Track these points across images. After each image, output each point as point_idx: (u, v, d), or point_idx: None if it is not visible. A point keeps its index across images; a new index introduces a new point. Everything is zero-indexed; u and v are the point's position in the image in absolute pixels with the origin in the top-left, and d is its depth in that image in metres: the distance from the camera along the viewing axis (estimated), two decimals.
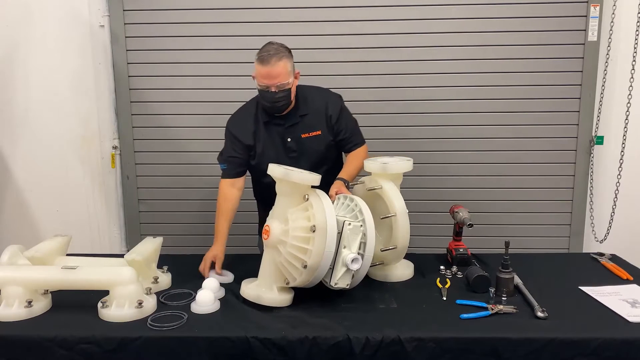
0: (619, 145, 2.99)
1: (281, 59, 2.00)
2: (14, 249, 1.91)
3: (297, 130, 2.16)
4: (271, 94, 2.03)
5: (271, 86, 2.01)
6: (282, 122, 2.15)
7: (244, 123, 2.19)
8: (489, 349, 1.55)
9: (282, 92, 2.03)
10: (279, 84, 2.01)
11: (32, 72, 3.06)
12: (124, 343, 1.57)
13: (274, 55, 2.00)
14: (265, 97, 2.05)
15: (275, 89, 2.01)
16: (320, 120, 2.17)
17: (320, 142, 2.18)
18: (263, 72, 2.00)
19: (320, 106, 2.18)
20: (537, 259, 2.23)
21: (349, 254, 1.69)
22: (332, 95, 2.24)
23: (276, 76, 1.99)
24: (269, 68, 1.98)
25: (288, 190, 1.78)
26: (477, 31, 2.93)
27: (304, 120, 2.16)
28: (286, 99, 2.07)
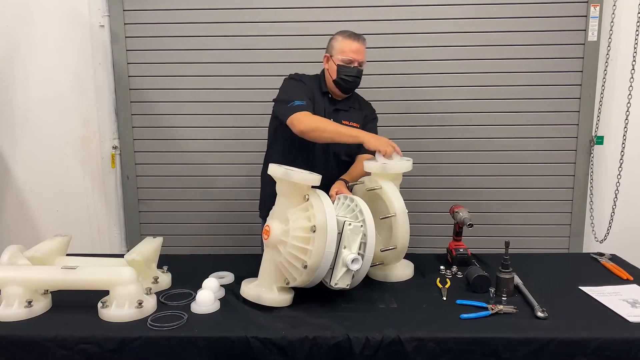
0: (619, 145, 2.99)
1: (365, 42, 2.25)
2: (14, 249, 1.91)
3: (341, 115, 2.29)
4: (354, 69, 2.20)
5: (356, 61, 2.20)
6: (334, 102, 2.30)
7: (309, 81, 2.29)
8: (489, 349, 1.55)
9: (360, 71, 2.23)
10: (362, 61, 2.22)
11: (32, 72, 3.06)
12: (124, 343, 1.56)
13: (362, 37, 2.24)
14: (347, 72, 2.20)
15: (359, 65, 2.21)
16: (361, 117, 2.34)
17: None
18: (354, 47, 2.20)
19: (364, 106, 2.40)
20: (537, 259, 2.23)
21: (349, 254, 1.69)
22: (372, 107, 2.46)
23: (363, 53, 2.22)
24: (359, 44, 2.21)
25: (288, 190, 1.78)
26: (477, 31, 2.94)
27: (350, 111, 2.32)
28: (360, 78, 2.25)
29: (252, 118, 3.00)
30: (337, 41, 2.23)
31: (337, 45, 2.22)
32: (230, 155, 3.11)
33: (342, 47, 2.21)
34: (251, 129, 3.02)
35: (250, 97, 3.02)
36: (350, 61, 2.19)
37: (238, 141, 3.09)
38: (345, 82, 2.22)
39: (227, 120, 3.07)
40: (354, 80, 2.22)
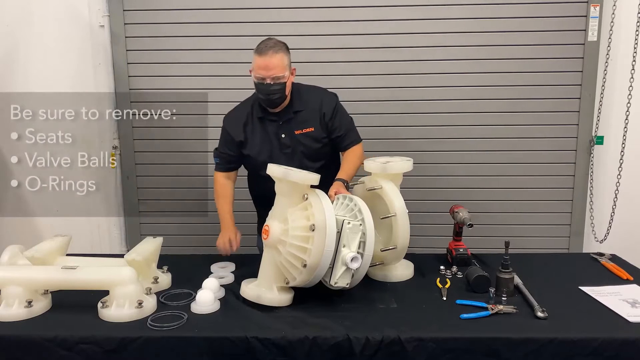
0: (619, 145, 2.99)
1: (278, 52, 2.05)
2: (14, 249, 1.91)
3: (291, 126, 2.18)
4: (266, 86, 2.06)
5: (267, 78, 2.04)
6: (276, 118, 2.19)
7: (238, 119, 2.24)
8: (489, 349, 1.55)
9: (278, 85, 2.06)
10: (274, 76, 2.04)
11: (32, 72, 3.06)
12: (124, 343, 1.56)
13: (272, 48, 2.05)
14: (261, 90, 2.08)
15: (271, 81, 2.05)
16: (314, 117, 2.19)
17: (314, 139, 2.20)
18: (260, 63, 2.04)
19: (314, 104, 2.20)
20: (537, 259, 2.23)
21: (348, 252, 1.69)
22: (327, 94, 2.26)
23: (272, 68, 2.03)
24: (266, 59, 2.03)
25: (287, 190, 1.78)
26: (477, 31, 2.93)
27: (297, 116, 2.19)
28: (281, 92, 2.09)
29: None
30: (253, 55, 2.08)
31: (253, 59, 2.08)
32: None
33: (253, 63, 2.07)
34: None
35: None
36: (261, 78, 2.04)
37: None
38: (262, 101, 2.12)
39: None
40: (268, 98, 2.07)
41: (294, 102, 2.19)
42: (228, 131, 2.24)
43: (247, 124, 2.21)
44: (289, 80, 2.11)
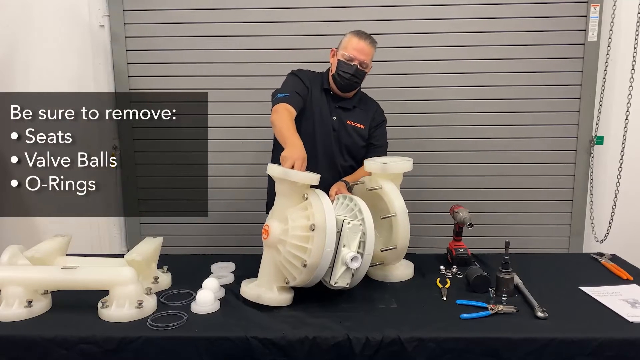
0: (619, 145, 2.99)
1: (373, 44, 2.21)
2: (14, 249, 1.91)
3: (345, 115, 2.27)
4: (353, 67, 2.17)
5: (357, 60, 2.16)
6: (337, 100, 2.27)
7: (309, 76, 2.29)
8: (489, 349, 1.55)
9: (361, 71, 2.19)
10: (364, 62, 2.17)
11: (32, 72, 3.06)
12: (124, 343, 1.56)
13: (371, 38, 2.21)
14: (346, 69, 2.17)
15: (358, 65, 2.16)
16: (367, 118, 2.31)
17: (360, 136, 2.29)
18: (359, 45, 2.17)
19: (371, 107, 2.35)
20: (537, 259, 2.23)
21: (348, 252, 1.70)
22: (381, 109, 2.41)
23: (367, 54, 2.18)
24: (365, 45, 2.17)
25: (287, 190, 1.79)
26: (477, 31, 2.93)
27: (354, 110, 2.29)
28: (360, 78, 2.22)
29: (252, 118, 3.00)
30: (346, 37, 2.22)
31: (344, 41, 2.21)
32: (231, 155, 3.11)
33: (347, 44, 2.19)
34: (252, 129, 3.02)
35: (251, 97, 3.02)
36: (351, 58, 2.16)
37: (238, 141, 3.09)
38: (341, 79, 2.20)
39: (228, 120, 3.07)
40: (349, 78, 2.18)
41: (356, 98, 2.32)
42: (302, 79, 2.25)
43: (314, 86, 2.26)
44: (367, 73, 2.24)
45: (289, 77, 2.29)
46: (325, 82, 2.28)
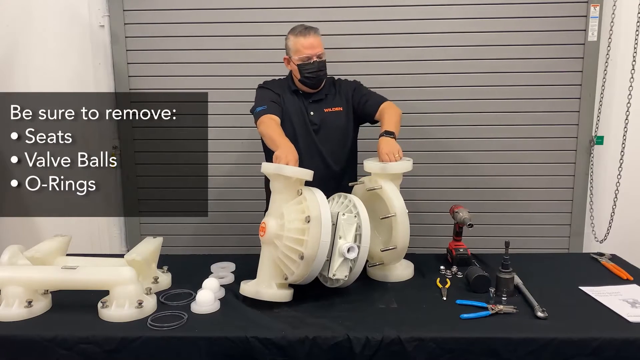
0: (619, 145, 2.99)
1: (317, 33, 2.21)
2: (14, 249, 1.91)
3: (321, 105, 2.28)
4: (314, 64, 2.18)
5: (313, 56, 2.17)
6: (308, 96, 2.28)
7: (275, 84, 2.33)
8: (489, 349, 1.55)
9: (322, 63, 2.20)
10: (319, 54, 2.18)
11: (32, 72, 3.06)
12: (124, 343, 1.57)
13: (312, 29, 2.20)
14: (308, 69, 2.18)
15: (317, 59, 2.18)
16: (342, 99, 2.31)
17: (342, 118, 2.29)
18: (306, 43, 2.17)
19: (340, 87, 2.35)
20: (537, 259, 2.23)
21: (344, 243, 1.71)
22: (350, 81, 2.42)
23: (317, 46, 2.19)
24: (311, 39, 2.18)
25: (282, 187, 1.81)
26: (477, 31, 2.93)
27: (327, 98, 2.30)
28: (325, 69, 2.22)
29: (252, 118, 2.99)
30: (290, 41, 2.22)
31: (291, 45, 2.21)
32: (231, 155, 3.11)
33: (296, 47, 2.19)
34: (251, 129, 2.98)
35: (251, 97, 2.97)
36: (307, 58, 2.17)
37: (238, 141, 3.09)
38: (310, 79, 2.21)
39: (228, 120, 3.07)
40: (317, 75, 2.20)
41: (326, 85, 2.32)
42: (271, 89, 2.28)
43: (283, 92, 2.29)
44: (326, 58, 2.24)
45: (258, 91, 2.33)
46: (291, 84, 2.30)
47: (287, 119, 2.25)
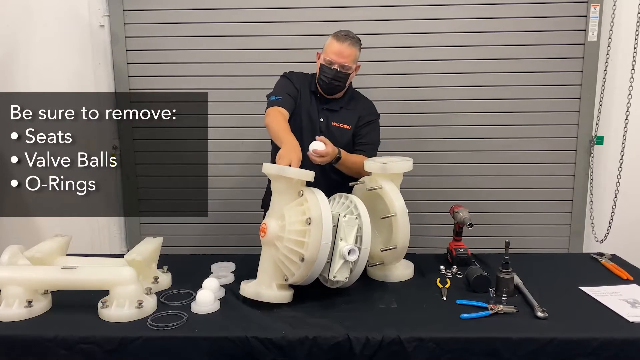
0: (619, 145, 2.99)
1: (354, 45, 2.18)
2: (14, 249, 1.91)
3: (332, 116, 2.27)
4: (333, 71, 2.16)
5: (336, 63, 2.15)
6: (325, 102, 2.27)
7: (299, 77, 2.31)
8: (489, 349, 1.55)
9: (342, 74, 2.17)
10: (343, 64, 2.16)
11: (32, 72, 3.06)
12: (124, 343, 1.57)
13: (351, 39, 2.18)
14: (326, 72, 2.17)
15: (339, 68, 2.16)
16: (354, 118, 2.29)
17: (345, 137, 2.27)
18: (336, 48, 2.16)
19: (361, 106, 2.32)
20: (537, 259, 2.23)
21: (345, 245, 1.71)
22: (373, 107, 2.38)
23: (345, 57, 2.16)
24: (343, 47, 2.15)
25: (283, 188, 1.80)
26: (477, 31, 2.93)
27: (341, 111, 2.28)
28: (342, 81, 2.20)
29: (252, 118, 3.00)
30: (328, 40, 2.21)
31: (326, 44, 2.21)
32: (231, 155, 3.11)
33: (327, 47, 2.19)
34: (251, 128, 3.02)
35: (251, 97, 3.02)
36: (330, 62, 2.16)
37: (238, 141, 3.09)
38: (322, 82, 2.21)
39: (228, 120, 3.07)
40: (330, 82, 2.18)
41: (345, 99, 2.30)
42: (292, 81, 2.27)
43: (303, 87, 2.28)
44: (352, 74, 2.23)
45: (280, 79, 2.32)
46: (312, 84, 2.29)
47: (298, 115, 2.25)
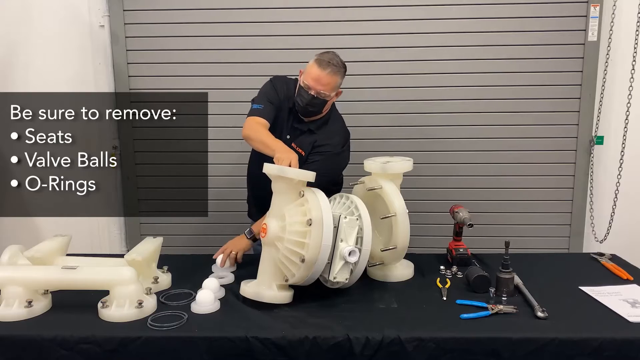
0: (619, 145, 2.99)
1: (336, 74, 2.06)
2: (14, 249, 1.91)
3: (295, 136, 2.18)
4: (308, 96, 2.07)
5: (313, 89, 2.05)
6: (297, 121, 2.18)
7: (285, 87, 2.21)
8: (489, 349, 1.55)
9: (318, 100, 2.07)
10: (320, 92, 2.06)
11: (32, 73, 3.06)
12: (124, 343, 1.57)
13: (333, 66, 2.04)
14: (303, 95, 2.08)
15: (315, 94, 2.06)
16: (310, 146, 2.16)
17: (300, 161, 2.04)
18: (314, 74, 2.04)
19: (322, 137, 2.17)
20: (537, 259, 2.23)
21: (346, 246, 1.71)
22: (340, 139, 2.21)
23: (324, 84, 2.05)
24: (322, 75, 2.03)
25: (283, 188, 1.80)
26: (477, 31, 2.93)
27: (305, 134, 2.18)
28: (318, 107, 2.10)
29: None
30: (310, 62, 2.09)
31: (308, 66, 2.09)
32: (231, 155, 3.11)
33: (308, 70, 2.08)
34: None
35: (251, 97, 2.99)
36: (308, 87, 2.06)
37: (238, 141, 3.08)
38: (297, 105, 2.12)
39: (228, 120, 3.07)
40: (304, 107, 2.09)
41: (318, 122, 2.19)
42: (277, 89, 2.19)
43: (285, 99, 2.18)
44: (330, 101, 2.13)
45: (266, 84, 2.24)
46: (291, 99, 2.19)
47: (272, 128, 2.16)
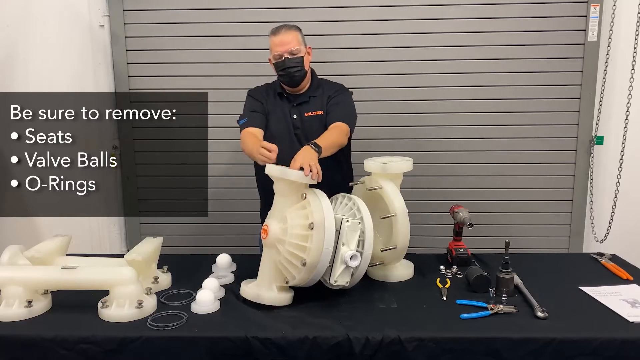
0: (619, 145, 2.99)
1: (290, 29, 2.16)
2: (14, 249, 1.91)
3: (304, 108, 2.24)
4: (285, 61, 2.13)
5: (284, 53, 2.12)
6: (292, 98, 2.25)
7: (261, 90, 2.32)
8: (489, 349, 1.55)
9: (295, 60, 2.14)
10: (290, 50, 2.13)
11: (32, 73, 3.06)
12: (124, 343, 1.57)
13: (284, 26, 2.16)
14: (281, 66, 2.15)
15: (289, 55, 2.13)
16: (322, 103, 2.25)
17: (321, 122, 2.22)
18: (276, 40, 2.14)
19: (326, 89, 2.29)
20: (537, 259, 2.23)
21: (347, 250, 1.70)
22: (341, 86, 2.33)
23: (288, 42, 2.13)
24: (281, 36, 2.14)
25: (285, 190, 1.79)
26: (477, 31, 2.93)
27: (310, 100, 2.25)
28: (299, 66, 2.15)
29: None
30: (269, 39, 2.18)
31: (270, 45, 2.18)
32: (231, 155, 3.11)
33: (270, 47, 2.17)
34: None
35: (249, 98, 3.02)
36: (279, 56, 2.13)
37: (238, 141, 3.08)
38: (284, 77, 2.18)
39: (228, 120, 3.06)
40: (287, 72, 2.15)
41: (312, 88, 2.28)
42: (254, 97, 2.29)
43: (268, 96, 2.28)
44: (306, 57, 2.19)
45: (246, 100, 2.33)
46: (278, 87, 2.28)
47: (270, 122, 2.24)
